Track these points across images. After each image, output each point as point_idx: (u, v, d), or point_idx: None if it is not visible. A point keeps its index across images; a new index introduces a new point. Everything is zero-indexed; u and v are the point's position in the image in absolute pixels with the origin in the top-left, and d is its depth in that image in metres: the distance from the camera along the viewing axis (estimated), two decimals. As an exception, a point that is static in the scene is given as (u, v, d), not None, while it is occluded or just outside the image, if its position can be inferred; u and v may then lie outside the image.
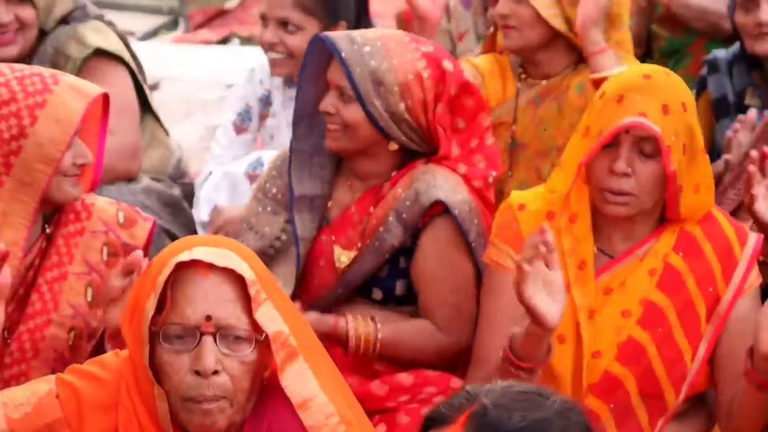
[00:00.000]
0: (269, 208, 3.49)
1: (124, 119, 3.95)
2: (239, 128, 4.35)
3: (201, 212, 4.18)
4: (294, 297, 3.36)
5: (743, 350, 2.87)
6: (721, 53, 4.34)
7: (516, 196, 3.16)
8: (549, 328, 2.76)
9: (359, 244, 3.37)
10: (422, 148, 3.39)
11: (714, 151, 4.24)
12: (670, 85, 3.04)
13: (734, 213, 3.50)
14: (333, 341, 3.25)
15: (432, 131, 3.37)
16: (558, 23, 3.82)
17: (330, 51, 3.35)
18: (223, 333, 2.46)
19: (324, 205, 3.44)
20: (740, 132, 3.96)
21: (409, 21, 5.50)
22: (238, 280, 2.48)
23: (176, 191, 4.19)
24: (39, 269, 3.16)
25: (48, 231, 3.18)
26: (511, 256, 3.06)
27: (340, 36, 3.38)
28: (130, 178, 4.02)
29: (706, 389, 3.05)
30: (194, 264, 2.47)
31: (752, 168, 3.15)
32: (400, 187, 3.36)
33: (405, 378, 3.36)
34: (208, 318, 2.45)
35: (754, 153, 3.19)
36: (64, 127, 3.02)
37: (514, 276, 2.81)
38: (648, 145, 2.96)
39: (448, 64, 3.38)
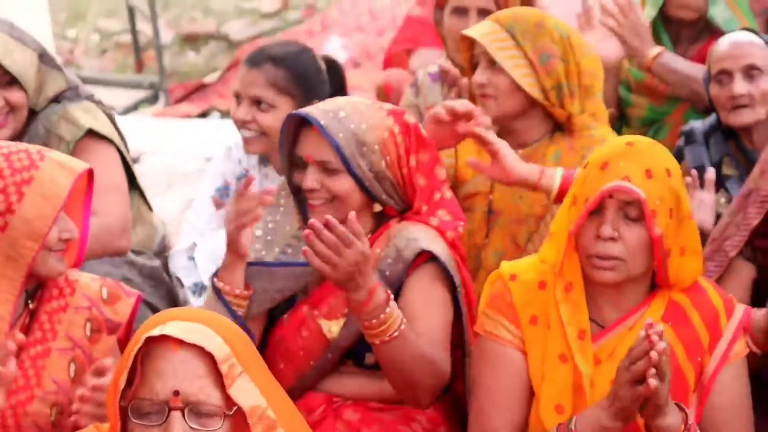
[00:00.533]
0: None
1: (114, 198, 3.96)
2: (218, 203, 4.37)
3: (201, 274, 4.19)
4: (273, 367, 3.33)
5: (725, 422, 2.93)
6: (697, 124, 4.37)
7: (507, 266, 3.16)
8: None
9: (345, 310, 3.36)
10: (400, 207, 3.43)
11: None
12: (653, 151, 3.06)
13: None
14: (364, 309, 3.18)
15: (407, 186, 3.41)
16: (535, 92, 3.84)
17: (297, 128, 3.38)
18: (192, 408, 2.46)
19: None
20: (700, 190, 3.99)
21: (388, 93, 5.54)
22: (209, 355, 2.48)
23: (157, 263, 4.19)
24: (22, 345, 3.12)
25: (32, 306, 3.19)
26: (506, 326, 3.07)
27: (310, 109, 3.40)
28: (120, 256, 4.02)
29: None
30: (165, 338, 2.48)
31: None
32: (377, 247, 3.38)
33: None
34: (176, 393, 2.45)
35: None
36: (51, 203, 3.03)
37: (516, 350, 2.90)
38: (633, 210, 2.97)
39: (409, 118, 3.44)
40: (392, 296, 3.21)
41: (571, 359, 2.99)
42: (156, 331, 2.48)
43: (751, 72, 4.20)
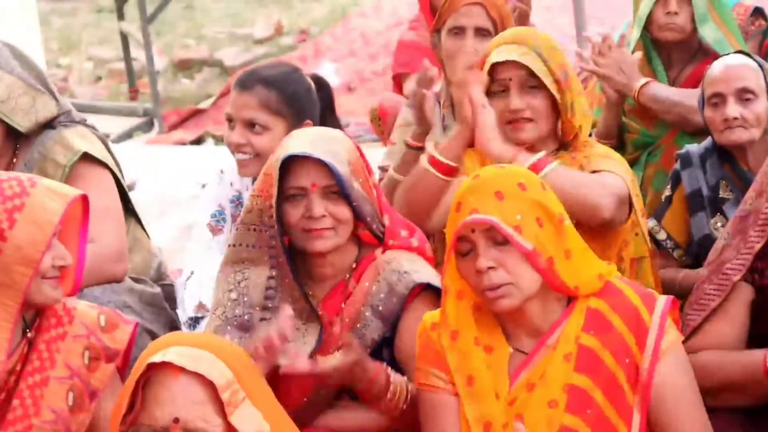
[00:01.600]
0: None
1: (110, 224, 3.94)
2: (214, 229, 4.35)
3: (186, 310, 4.16)
4: None
5: (676, 414, 2.93)
6: (693, 148, 4.37)
7: (428, 316, 3.18)
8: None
9: (338, 344, 3.31)
10: (380, 230, 3.41)
11: (691, 244, 4.27)
12: (500, 175, 3.08)
13: (715, 310, 3.43)
14: (372, 389, 3.18)
15: (378, 204, 3.41)
16: (565, 110, 3.84)
17: (282, 167, 3.35)
18: None
19: None
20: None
21: (383, 117, 5.54)
22: (211, 382, 2.49)
23: (157, 290, 4.18)
24: (20, 374, 3.15)
25: (30, 335, 3.17)
26: (436, 374, 3.08)
27: (289, 148, 3.36)
28: (117, 282, 4.00)
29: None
30: (167, 365, 2.51)
31: None
32: (366, 280, 3.36)
33: None
34: (176, 420, 2.48)
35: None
36: (43, 229, 3.02)
37: (449, 395, 2.94)
38: (497, 235, 2.98)
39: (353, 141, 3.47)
40: (390, 371, 3.21)
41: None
42: (158, 357, 2.51)
43: (744, 95, 4.21)
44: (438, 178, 3.74)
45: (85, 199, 3.17)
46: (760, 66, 4.25)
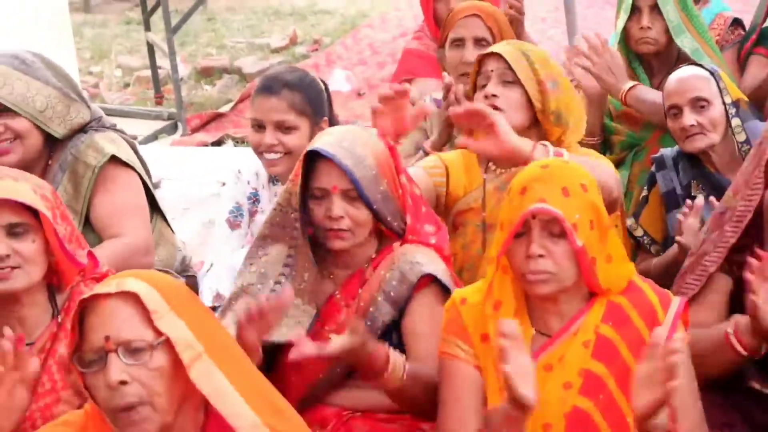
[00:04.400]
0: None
1: (137, 220, 3.97)
2: (233, 224, 4.35)
3: (204, 300, 4.18)
4: (286, 379, 3.37)
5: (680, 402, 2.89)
6: (667, 152, 4.39)
7: (458, 292, 3.20)
8: (529, 410, 2.78)
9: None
10: (402, 227, 3.42)
11: (668, 239, 4.29)
12: (567, 170, 3.08)
13: (695, 297, 3.50)
14: (371, 366, 3.19)
15: (402, 203, 3.41)
16: (540, 109, 3.83)
17: (308, 163, 3.37)
18: (125, 347, 2.54)
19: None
20: (689, 217, 4.03)
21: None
22: (136, 301, 2.56)
23: (181, 281, 4.19)
24: (49, 352, 3.22)
25: (59, 318, 3.24)
26: (460, 346, 3.10)
27: (319, 143, 3.38)
28: None
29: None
30: (95, 297, 2.57)
31: (749, 276, 3.12)
32: (382, 269, 3.37)
33: None
34: (107, 338, 2.53)
35: (753, 261, 3.14)
36: None
37: (468, 364, 2.90)
38: (555, 227, 2.99)
39: (389, 140, 3.45)
40: (390, 347, 3.20)
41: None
42: (87, 293, 2.59)
43: (698, 104, 4.24)
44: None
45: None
46: (712, 73, 4.29)
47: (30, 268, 3.19)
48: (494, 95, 3.78)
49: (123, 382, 2.52)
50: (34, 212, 3.20)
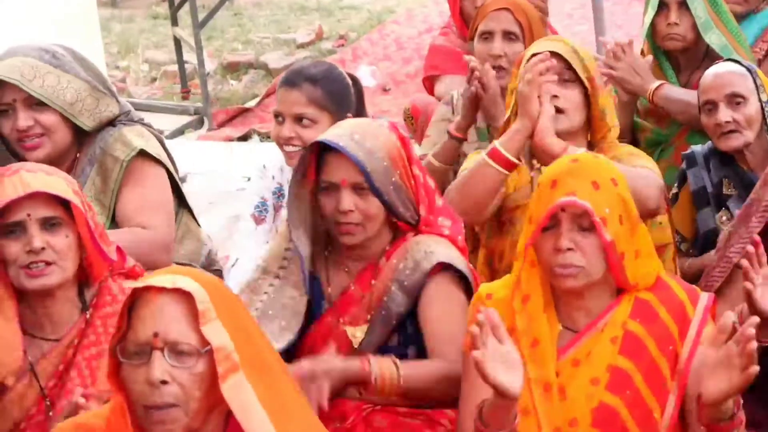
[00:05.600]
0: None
1: (161, 216, 3.96)
2: (258, 219, 4.37)
3: None
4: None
5: None
6: (698, 149, 4.38)
7: (484, 287, 3.20)
8: (512, 399, 2.79)
9: (368, 317, 3.36)
10: (415, 218, 3.41)
11: (698, 237, 4.27)
12: (597, 165, 3.08)
13: (719, 290, 3.50)
14: (360, 382, 3.24)
15: (415, 195, 3.40)
16: (596, 107, 3.84)
17: (319, 155, 3.37)
18: (171, 347, 2.52)
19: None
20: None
21: (415, 115, 5.56)
22: (187, 300, 2.53)
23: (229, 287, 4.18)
24: (78, 347, 3.22)
25: (88, 315, 3.23)
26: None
27: (329, 136, 3.38)
28: None
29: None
30: (148, 289, 2.55)
31: (745, 263, 3.14)
32: (395, 258, 3.37)
33: None
34: (156, 335, 2.51)
35: (749, 248, 3.16)
36: None
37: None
38: (585, 221, 2.99)
39: (403, 131, 3.45)
40: (371, 359, 3.24)
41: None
42: (140, 283, 2.57)
43: (734, 100, 4.22)
44: (498, 171, 3.71)
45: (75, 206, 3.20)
46: (749, 70, 4.26)
47: (64, 264, 3.18)
48: (555, 97, 3.75)
49: (164, 382, 2.51)
50: (65, 208, 3.20)
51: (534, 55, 3.80)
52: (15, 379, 3.17)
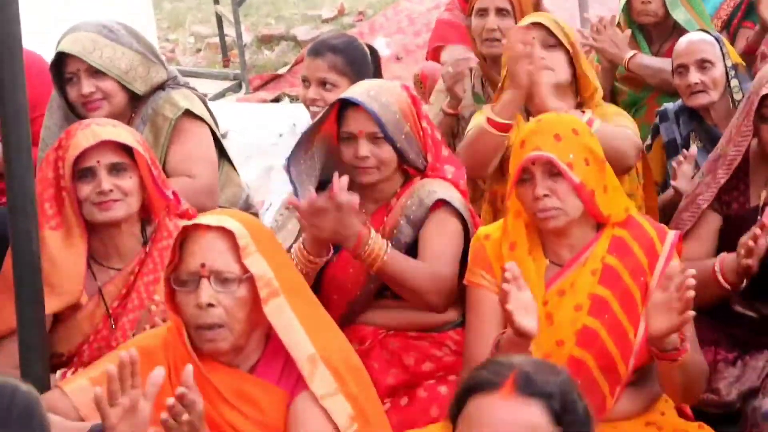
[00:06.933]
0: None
1: (205, 166, 3.99)
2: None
3: None
4: (328, 299, 3.39)
5: None
6: (669, 105, 4.40)
7: (482, 229, 3.22)
8: (531, 337, 2.80)
9: None
10: (423, 165, 3.43)
11: (667, 182, 4.30)
12: (558, 120, 3.10)
13: (689, 231, 3.52)
14: (353, 245, 3.22)
15: (423, 144, 3.42)
16: (582, 66, 3.86)
17: (339, 111, 3.39)
18: (216, 276, 2.58)
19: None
20: (684, 164, 4.02)
21: (424, 81, 5.57)
22: (230, 237, 2.58)
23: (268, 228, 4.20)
24: (138, 274, 3.27)
25: (147, 247, 3.29)
26: (483, 275, 3.11)
27: (349, 93, 3.40)
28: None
29: (651, 362, 3.03)
30: (197, 227, 2.61)
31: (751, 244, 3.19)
32: (404, 197, 3.40)
33: (427, 366, 3.38)
34: (203, 265, 2.57)
35: (757, 231, 3.19)
36: (68, 160, 3.19)
37: (491, 292, 2.91)
38: (554, 168, 3.00)
39: (413, 91, 3.47)
40: (372, 230, 3.23)
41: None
42: (190, 222, 2.63)
43: (703, 64, 4.24)
44: (495, 135, 3.71)
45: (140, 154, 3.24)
46: (717, 39, 4.29)
47: (129, 200, 3.24)
48: (542, 58, 3.75)
49: (210, 305, 2.57)
50: (129, 155, 3.25)
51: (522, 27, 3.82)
52: (87, 299, 3.25)
